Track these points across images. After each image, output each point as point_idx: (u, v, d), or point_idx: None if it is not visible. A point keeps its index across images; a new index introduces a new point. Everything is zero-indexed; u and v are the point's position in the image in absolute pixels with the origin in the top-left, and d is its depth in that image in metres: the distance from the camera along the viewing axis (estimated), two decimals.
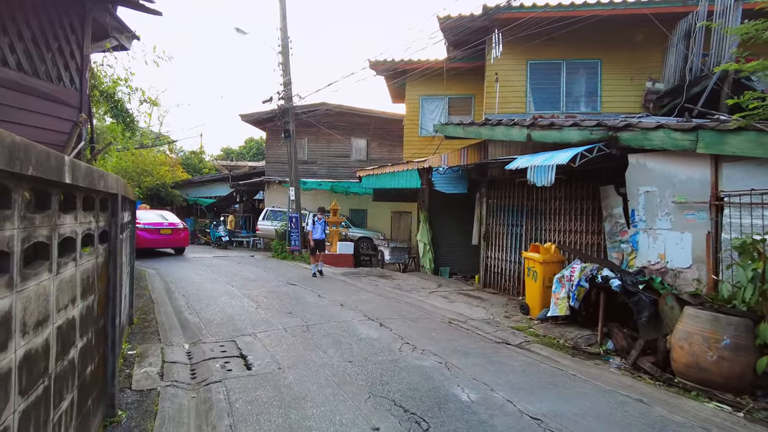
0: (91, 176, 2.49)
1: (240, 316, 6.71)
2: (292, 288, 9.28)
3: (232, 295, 8.29)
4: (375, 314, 7.05)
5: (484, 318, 7.22)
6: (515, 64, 10.54)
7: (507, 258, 9.31)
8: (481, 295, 9.15)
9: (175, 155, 28.72)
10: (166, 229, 14.71)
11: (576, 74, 10.30)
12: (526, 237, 8.87)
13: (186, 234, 15.48)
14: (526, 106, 10.44)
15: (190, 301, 7.84)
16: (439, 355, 5.07)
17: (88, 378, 2.72)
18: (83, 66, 4.95)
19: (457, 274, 12.40)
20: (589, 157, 6.24)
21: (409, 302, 8.24)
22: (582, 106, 10.31)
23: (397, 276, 11.79)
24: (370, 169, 12.49)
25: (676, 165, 5.65)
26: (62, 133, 4.39)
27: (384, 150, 20.30)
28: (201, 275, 10.84)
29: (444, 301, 8.47)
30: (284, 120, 15.26)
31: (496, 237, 9.72)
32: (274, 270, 12.17)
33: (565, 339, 6.06)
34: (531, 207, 8.82)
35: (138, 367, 4.55)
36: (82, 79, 4.91)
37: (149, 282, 9.81)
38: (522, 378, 4.51)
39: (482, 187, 10.18)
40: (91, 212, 2.75)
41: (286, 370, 4.50)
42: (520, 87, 10.49)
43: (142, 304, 7.47)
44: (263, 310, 7.18)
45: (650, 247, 5.99)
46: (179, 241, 15.02)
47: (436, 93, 13.18)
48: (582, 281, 6.13)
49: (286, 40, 14.75)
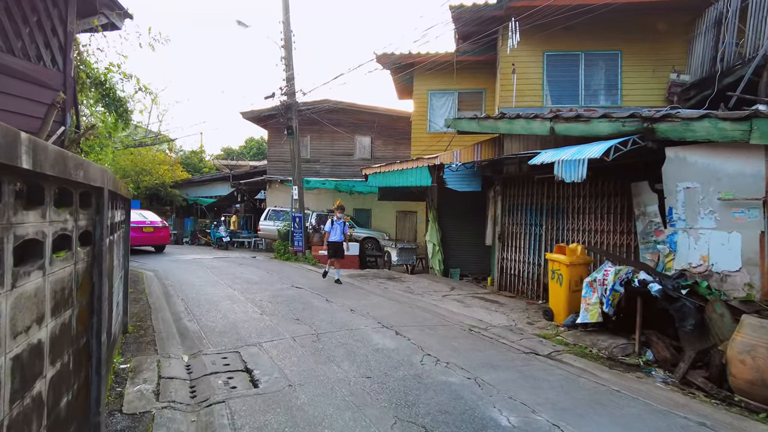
0: (63, 164, 2.00)
1: (244, 324, 6.21)
2: (297, 292, 8.78)
3: (235, 300, 7.79)
4: (389, 321, 6.55)
5: (505, 324, 6.72)
6: (531, 56, 10.04)
7: (525, 259, 8.81)
8: (497, 298, 8.65)
9: (174, 155, 28.22)
10: (148, 227, 15.09)
11: (595, 66, 9.80)
12: (546, 237, 8.38)
13: (166, 232, 16.29)
14: (543, 99, 9.95)
15: (189, 306, 7.34)
16: (466, 369, 4.58)
17: (64, 411, 2.22)
18: (67, 44, 4.42)
19: (467, 276, 11.90)
20: (623, 151, 5.74)
21: (423, 307, 7.74)
22: (601, 99, 9.81)
23: (405, 278, 11.30)
24: (376, 167, 11.98)
25: (722, 158, 5.16)
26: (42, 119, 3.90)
27: (389, 148, 19.80)
28: (201, 278, 10.34)
29: (459, 305, 7.97)
30: (287, 116, 14.77)
31: (512, 237, 9.22)
32: (278, 272, 11.68)
33: (599, 348, 5.56)
34: (551, 205, 8.32)
35: (131, 384, 4.05)
36: (66, 59, 4.38)
37: (147, 285, 9.31)
38: (563, 396, 4.01)
39: (496, 185, 9.68)
40: (67, 209, 2.25)
41: (297, 387, 4.00)
42: (536, 80, 9.99)
43: (138, 310, 6.97)
44: (268, 316, 6.68)
45: (691, 248, 5.49)
46: (160, 239, 15.79)
47: (445, 87, 12.68)
48: (616, 285, 5.63)
49: (289, 34, 14.26)
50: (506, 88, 10.05)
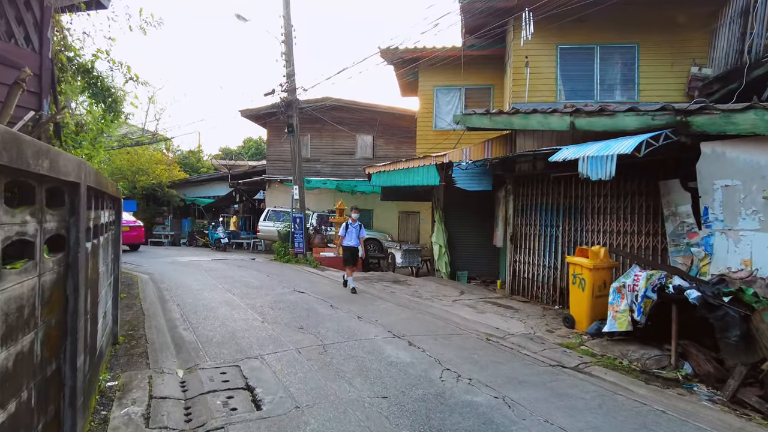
0: (18, 149, 1.55)
1: (244, 333, 5.75)
2: (300, 297, 8.32)
3: (234, 306, 7.34)
4: (400, 329, 6.10)
5: (524, 333, 6.28)
6: (544, 49, 9.60)
7: (539, 262, 8.37)
8: (510, 303, 8.21)
9: (171, 154, 27.68)
10: (124, 226, 14.64)
11: (610, 60, 9.37)
12: (562, 239, 7.94)
13: (141, 231, 16.95)
14: (557, 95, 9.51)
15: (185, 312, 6.89)
16: (492, 387, 4.13)
17: None
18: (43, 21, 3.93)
19: (475, 279, 11.47)
20: (655, 146, 5.30)
21: (433, 313, 7.29)
22: (617, 95, 9.38)
23: (412, 281, 10.85)
24: (380, 166, 11.54)
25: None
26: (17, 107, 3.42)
27: (391, 147, 19.37)
28: (199, 281, 9.88)
29: (472, 311, 7.53)
30: (287, 114, 14.31)
31: (525, 239, 8.78)
32: (278, 275, 11.22)
33: (630, 360, 5.12)
34: (568, 205, 7.88)
35: (118, 406, 3.60)
36: (42, 38, 3.88)
37: (141, 289, 8.85)
38: (603, 419, 3.57)
39: (508, 184, 9.24)
40: (27, 209, 1.80)
41: (305, 410, 3.55)
42: (549, 74, 9.55)
43: (131, 317, 6.51)
44: (270, 324, 6.23)
45: (730, 252, 5.06)
46: (134, 238, 16.37)
47: (452, 83, 12.24)
48: (648, 292, 5.20)
49: (290, 29, 13.80)
50: (518, 83, 9.62)
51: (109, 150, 23.43)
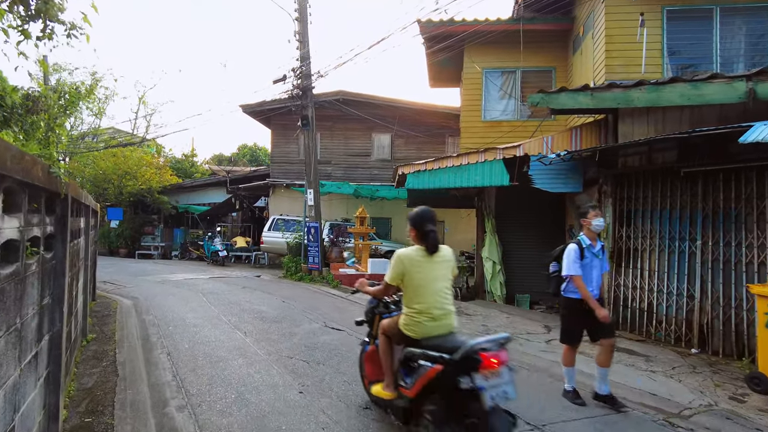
0: None
1: (278, 418, 3.48)
2: (338, 337, 6.05)
3: (250, 357, 5.06)
4: (525, 406, 3.85)
5: (702, 404, 4.08)
6: (640, 11, 7.49)
7: (663, 288, 6.19)
8: (630, 346, 5.99)
9: (163, 158, 25.25)
10: None
11: (734, 24, 7.29)
12: (702, 257, 5.77)
13: None
14: (663, 70, 7.39)
15: (180, 369, 4.61)
16: None
17: None
18: None
19: (539, 304, 9.27)
20: None
21: (536, 366, 5.07)
22: (742, 69, 7.29)
23: (466, 308, 8.61)
24: (420, 164, 9.30)
25: None
26: None
27: (411, 148, 17.23)
28: (196, 311, 7.57)
29: (592, 363, 5.30)
30: (301, 103, 12.14)
31: (635, 255, 6.61)
32: (295, 299, 8.94)
33: None
34: (712, 211, 5.73)
35: None
36: None
37: (119, 323, 6.57)
38: None
39: (604, 184, 7.08)
40: None
41: None
42: (652, 43, 7.43)
43: (94, 383, 4.23)
44: (315, 396, 3.95)
45: None
46: None
47: (505, 65, 10.13)
48: None
49: (304, 3, 11.66)
50: (613, 55, 7.48)
51: (93, 152, 21.12)
